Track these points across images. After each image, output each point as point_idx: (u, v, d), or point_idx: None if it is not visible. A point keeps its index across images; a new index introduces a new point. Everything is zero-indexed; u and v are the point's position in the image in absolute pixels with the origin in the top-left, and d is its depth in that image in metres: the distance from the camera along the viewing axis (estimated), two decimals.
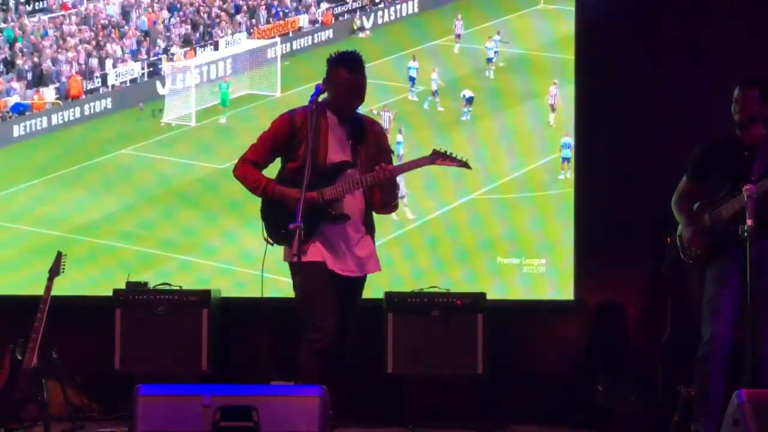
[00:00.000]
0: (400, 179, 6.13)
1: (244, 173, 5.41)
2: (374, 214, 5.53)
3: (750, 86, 5.80)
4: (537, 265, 7.39)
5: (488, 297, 6.94)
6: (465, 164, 5.30)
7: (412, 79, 8.20)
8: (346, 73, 5.31)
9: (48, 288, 6.37)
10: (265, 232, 5.41)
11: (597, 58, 7.45)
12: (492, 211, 7.50)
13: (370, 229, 5.43)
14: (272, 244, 5.36)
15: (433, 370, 6.76)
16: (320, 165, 5.27)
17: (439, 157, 5.22)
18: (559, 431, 6.67)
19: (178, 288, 7.09)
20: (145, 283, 7.01)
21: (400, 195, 5.78)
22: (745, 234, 5.38)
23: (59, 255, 6.48)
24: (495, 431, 6.64)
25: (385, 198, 5.34)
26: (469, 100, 7.71)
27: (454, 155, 5.25)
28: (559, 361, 7.32)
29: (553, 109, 7.69)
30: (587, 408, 6.90)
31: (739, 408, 4.13)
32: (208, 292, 7.03)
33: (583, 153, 7.39)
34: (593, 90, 7.42)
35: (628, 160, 7.23)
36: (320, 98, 5.26)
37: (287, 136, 5.38)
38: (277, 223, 5.34)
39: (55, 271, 6.43)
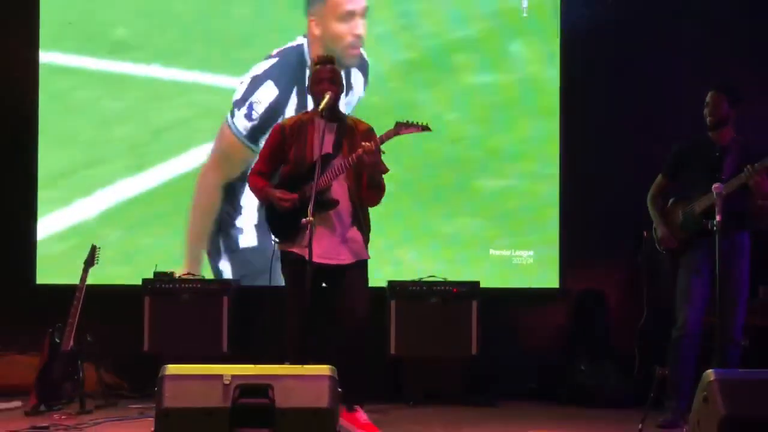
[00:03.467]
0: None
1: (251, 183, 5.63)
2: (370, 213, 5.58)
3: (720, 92, 5.84)
4: (526, 256, 7.35)
5: (481, 285, 6.91)
6: (426, 128, 5.31)
7: None
8: (314, 66, 5.53)
9: (83, 278, 6.39)
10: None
11: (580, 67, 7.39)
12: (485, 210, 7.46)
13: (359, 224, 5.46)
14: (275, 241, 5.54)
15: (432, 351, 6.74)
16: (308, 163, 5.35)
17: (402, 126, 5.25)
18: (546, 407, 6.63)
19: (200, 278, 7.12)
20: (171, 273, 7.01)
21: None
22: (715, 228, 5.38)
23: (93, 248, 6.51)
24: (487, 407, 6.61)
25: (370, 179, 5.37)
26: None
27: (415, 122, 5.28)
28: (545, 344, 7.33)
29: None
30: (571, 386, 6.89)
31: (709, 386, 4.13)
32: (228, 281, 7.07)
33: (567, 157, 7.35)
34: (577, 98, 7.38)
35: (608, 162, 7.21)
36: (321, 106, 5.31)
37: (280, 146, 5.54)
38: (271, 221, 5.58)
39: (89, 262, 6.46)
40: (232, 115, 7.40)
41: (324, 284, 5.55)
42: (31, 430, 5.47)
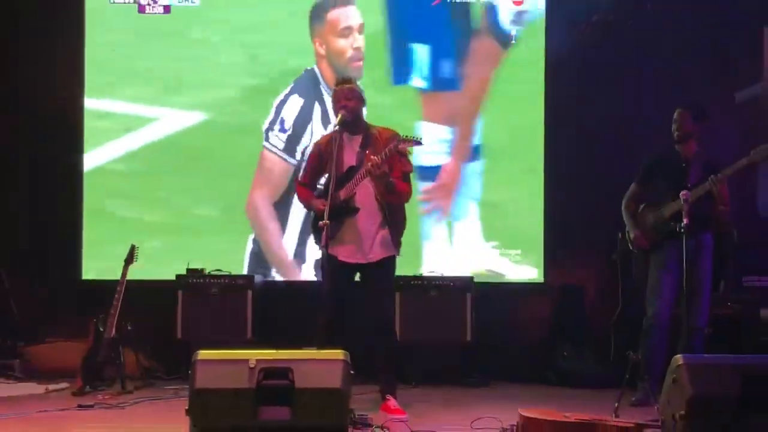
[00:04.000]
0: None
1: (298, 193, 5.71)
2: (404, 212, 5.53)
3: (685, 109, 5.86)
4: (514, 254, 7.35)
5: (475, 280, 6.95)
6: (419, 142, 5.26)
7: None
8: (333, 88, 5.55)
9: (124, 273, 6.40)
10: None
11: (562, 86, 7.38)
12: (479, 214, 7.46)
13: (389, 224, 5.37)
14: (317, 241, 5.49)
15: (432, 338, 6.77)
16: (339, 174, 5.32)
17: (402, 141, 5.17)
18: (532, 387, 6.63)
19: (228, 273, 7.09)
20: (202, 269, 7.03)
21: None
22: (682, 230, 5.40)
23: (133, 247, 6.52)
24: (481, 387, 6.61)
25: (377, 187, 5.29)
26: None
27: (411, 137, 5.21)
28: (531, 331, 7.31)
29: None
30: (555, 369, 6.92)
31: (677, 369, 4.12)
32: (252, 276, 7.06)
33: (550, 167, 7.36)
34: (559, 114, 7.38)
35: (587, 172, 7.21)
36: (335, 124, 5.35)
37: (318, 159, 5.53)
38: (312, 225, 5.53)
39: (129, 260, 6.47)
40: (267, 138, 7.41)
41: (357, 279, 5.54)
42: (77, 408, 5.50)
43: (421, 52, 7.46)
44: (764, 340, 6.47)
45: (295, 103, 7.43)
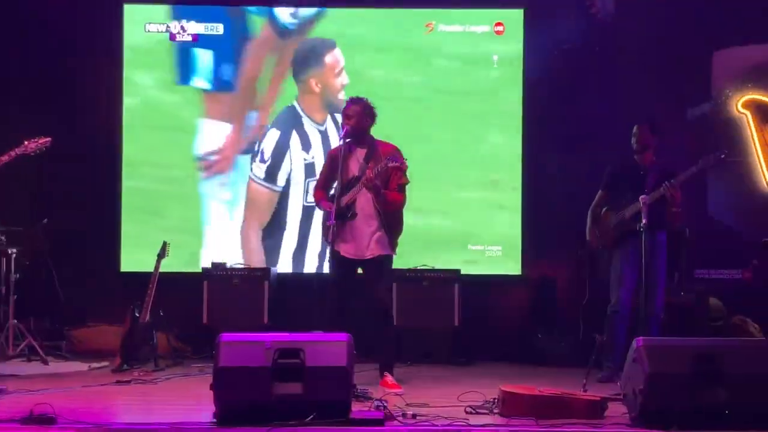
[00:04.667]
0: None
1: (314, 195, 5.74)
2: (401, 217, 5.52)
3: (643, 125, 5.89)
4: (495, 250, 7.33)
5: (462, 272, 6.92)
6: (404, 164, 5.29)
7: None
8: (344, 106, 5.52)
9: (156, 267, 6.41)
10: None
11: (539, 105, 7.36)
12: (466, 215, 7.45)
13: (385, 227, 5.39)
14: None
15: (424, 322, 6.75)
16: (344, 181, 5.33)
17: (389, 161, 5.18)
18: (511, 366, 6.62)
19: (247, 266, 7.10)
20: (224, 263, 7.02)
21: None
22: (641, 229, 5.41)
23: (165, 243, 6.51)
24: (467, 366, 6.61)
25: (373, 198, 5.31)
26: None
27: (399, 159, 5.25)
28: (511, 317, 7.29)
29: None
30: (531, 349, 6.91)
31: (637, 351, 4.15)
32: (268, 269, 7.05)
33: (528, 176, 7.34)
34: (536, 131, 7.36)
35: (560, 179, 7.17)
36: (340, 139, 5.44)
37: (329, 167, 5.55)
38: (323, 225, 5.54)
39: (161, 255, 6.47)
40: (251, 170, 7.42)
41: (359, 271, 5.55)
42: (116, 384, 5.51)
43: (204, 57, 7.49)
44: (713, 325, 6.47)
45: (273, 136, 7.44)
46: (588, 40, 7.37)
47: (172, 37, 7.46)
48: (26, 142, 5.63)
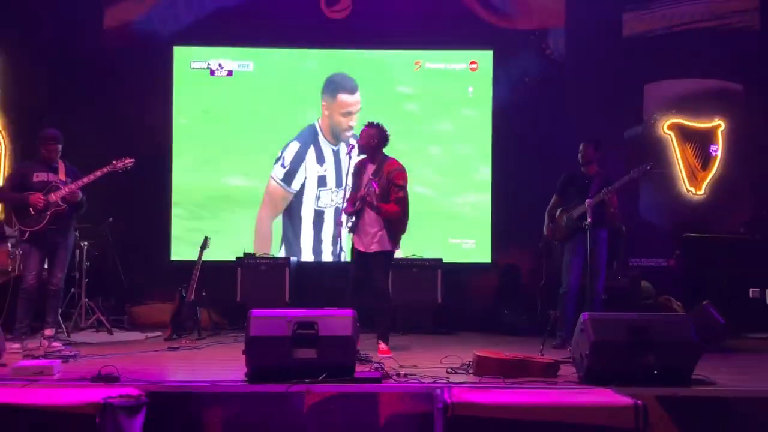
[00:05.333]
0: None
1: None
2: (403, 220, 5.43)
3: (588, 143, 5.89)
4: (470, 243, 7.36)
5: (444, 261, 6.92)
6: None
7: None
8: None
9: (200, 256, 6.40)
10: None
11: (505, 126, 7.36)
12: (447, 215, 7.46)
13: (386, 228, 5.31)
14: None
15: (414, 301, 6.76)
16: (358, 190, 5.35)
17: (370, 185, 5.18)
18: (483, 335, 6.59)
19: (272, 256, 7.09)
20: (254, 254, 7.01)
21: None
22: (587, 226, 5.43)
23: (206, 237, 6.50)
24: (448, 335, 6.60)
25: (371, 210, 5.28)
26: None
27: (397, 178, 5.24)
28: (483, 297, 7.28)
29: None
30: (499, 322, 6.90)
31: (584, 323, 4.15)
32: (288, 258, 7.02)
33: (497, 180, 7.35)
34: (503, 147, 7.36)
35: (522, 186, 7.14)
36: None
37: (355, 177, 5.45)
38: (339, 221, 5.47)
39: (203, 246, 6.45)
40: (273, 170, 7.39)
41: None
42: (167, 350, 5.52)
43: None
44: (644, 303, 6.48)
45: (294, 147, 7.41)
46: (544, 75, 7.41)
47: (212, 72, 7.47)
48: (114, 162, 5.43)
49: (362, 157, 5.42)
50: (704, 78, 7.41)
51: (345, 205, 5.42)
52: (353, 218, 5.32)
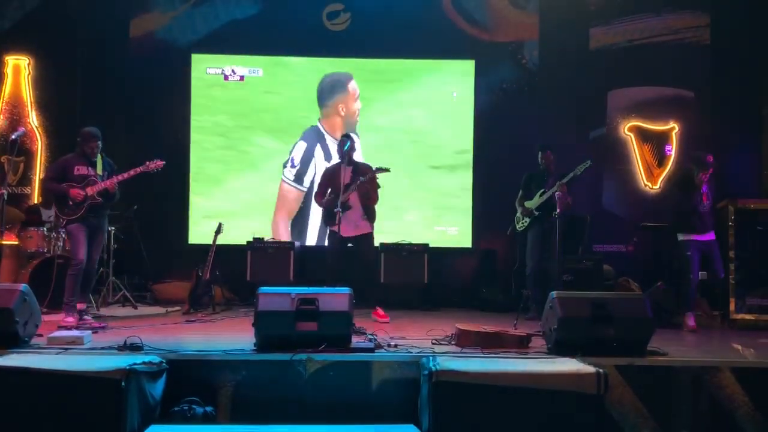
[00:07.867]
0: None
1: (315, 198, 5.80)
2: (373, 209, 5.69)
3: (545, 148, 5.98)
4: (453, 230, 7.37)
5: (430, 246, 6.90)
6: (387, 170, 5.37)
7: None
8: (341, 139, 5.67)
9: (214, 240, 6.37)
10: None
11: (484, 127, 7.35)
12: (434, 205, 7.45)
13: (367, 216, 5.64)
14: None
15: (403, 280, 6.74)
16: (341, 187, 5.48)
17: (377, 170, 5.33)
18: (465, 312, 6.57)
19: (278, 241, 7.05)
20: (262, 238, 6.99)
21: None
22: (555, 216, 5.46)
23: (220, 224, 6.48)
24: (433, 311, 6.60)
25: (359, 195, 5.51)
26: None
27: (383, 167, 5.35)
28: (464, 277, 7.30)
29: None
30: (478, 300, 6.91)
31: (553, 301, 4.14)
32: (293, 243, 6.97)
33: (476, 179, 7.33)
34: (482, 147, 7.34)
35: (498, 182, 7.09)
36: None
37: (328, 182, 5.70)
38: (328, 215, 5.62)
39: (218, 232, 6.43)
40: (283, 173, 7.35)
41: (350, 245, 5.68)
42: (186, 323, 5.50)
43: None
44: (606, 284, 6.48)
45: (301, 147, 7.36)
46: (520, 82, 7.41)
47: (226, 77, 7.42)
48: (147, 163, 5.29)
49: (334, 163, 5.62)
50: (660, 86, 7.43)
51: (322, 199, 5.67)
52: (341, 212, 5.43)
